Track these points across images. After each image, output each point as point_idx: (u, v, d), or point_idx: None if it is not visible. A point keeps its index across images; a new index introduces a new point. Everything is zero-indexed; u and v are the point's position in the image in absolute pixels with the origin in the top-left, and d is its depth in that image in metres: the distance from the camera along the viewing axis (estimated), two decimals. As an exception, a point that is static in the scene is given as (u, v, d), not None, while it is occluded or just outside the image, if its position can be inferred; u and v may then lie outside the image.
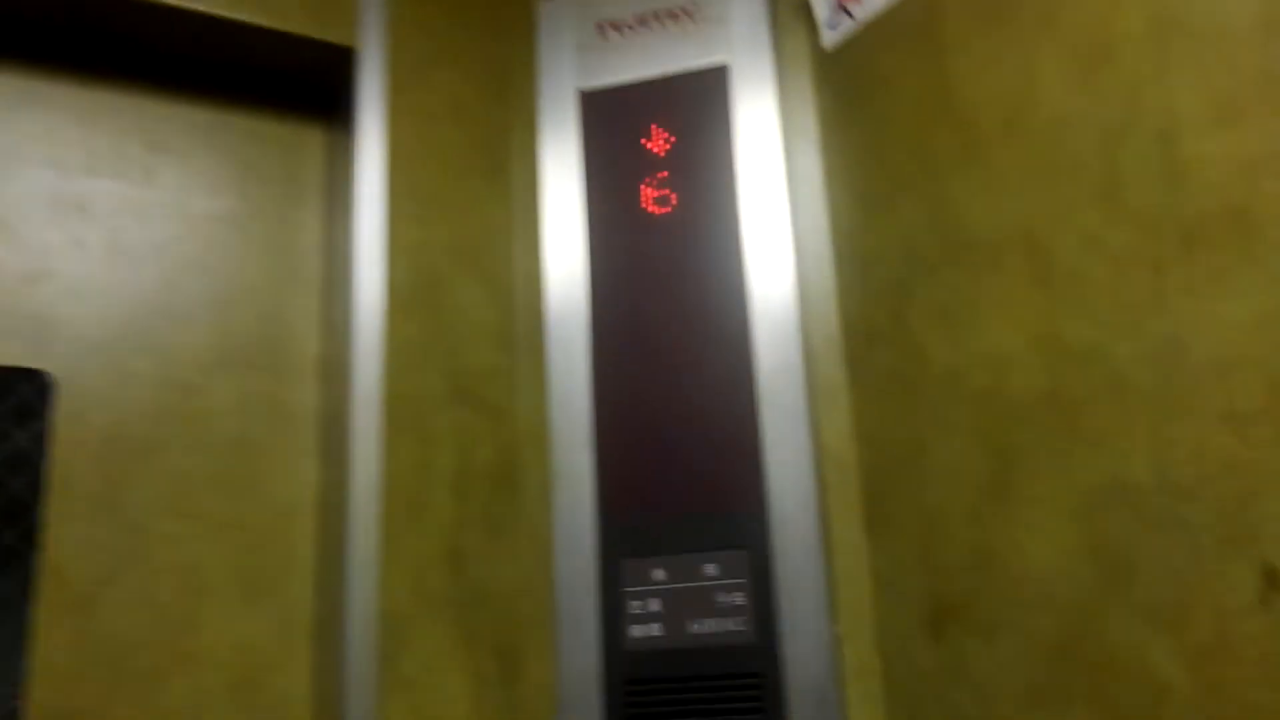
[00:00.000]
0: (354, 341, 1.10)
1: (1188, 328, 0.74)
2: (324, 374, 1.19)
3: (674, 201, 1.14)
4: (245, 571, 1.09)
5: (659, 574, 1.02)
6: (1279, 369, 0.68)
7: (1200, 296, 0.73)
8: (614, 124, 1.20)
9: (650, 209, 1.15)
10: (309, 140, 1.27)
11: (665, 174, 1.16)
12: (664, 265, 1.13)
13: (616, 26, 1.23)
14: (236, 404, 1.14)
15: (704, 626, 1.00)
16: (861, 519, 1.02)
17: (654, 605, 1.01)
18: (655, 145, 1.17)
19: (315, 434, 1.17)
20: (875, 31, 1.08)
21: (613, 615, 1.02)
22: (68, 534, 1.02)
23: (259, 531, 1.11)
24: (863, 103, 1.09)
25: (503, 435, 1.13)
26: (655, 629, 1.01)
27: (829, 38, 1.14)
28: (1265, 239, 0.70)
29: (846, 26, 1.11)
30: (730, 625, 0.99)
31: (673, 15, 1.22)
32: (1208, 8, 0.75)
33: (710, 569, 1.01)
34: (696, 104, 1.17)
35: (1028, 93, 0.89)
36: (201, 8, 1.09)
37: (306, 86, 1.26)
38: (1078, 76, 0.85)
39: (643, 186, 1.16)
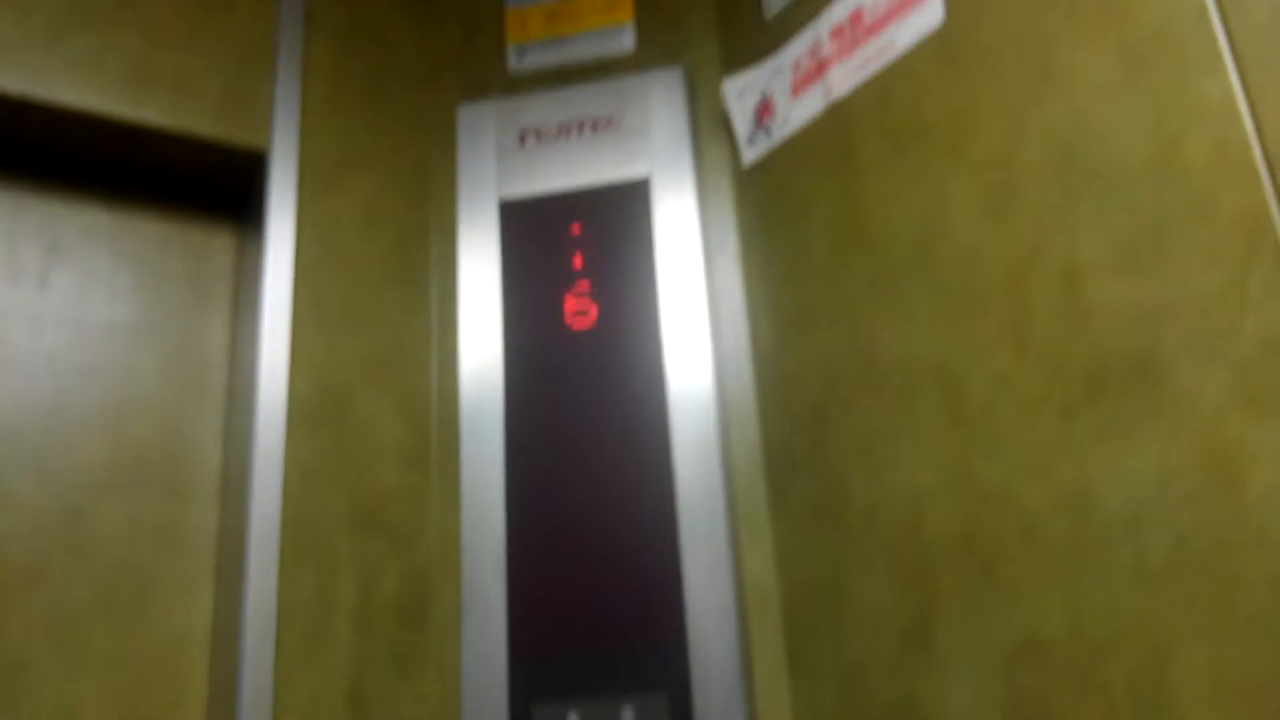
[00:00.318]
0: (253, 459, 1.04)
1: (1097, 477, 0.72)
2: (223, 495, 1.13)
3: (594, 316, 1.12)
4: (131, 712, 1.01)
5: (573, 720, 0.97)
6: (1186, 527, 0.67)
7: (1108, 445, 0.72)
8: (535, 235, 1.17)
9: (570, 323, 1.12)
10: (217, 244, 1.23)
11: (586, 287, 1.13)
12: (584, 382, 1.10)
13: (538, 134, 1.22)
14: (127, 528, 1.07)
15: (619, 788, 0.94)
16: (785, 661, 0.98)
17: (566, 759, 0.96)
18: (576, 258, 1.15)
19: (212, 560, 1.10)
20: (794, 150, 1.07)
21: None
22: (-70, 677, 0.94)
23: (147, 668, 1.03)
24: (782, 221, 1.08)
25: (410, 562, 1.08)
26: (567, 790, 0.95)
27: (748, 154, 1.13)
28: (1168, 391, 0.68)
29: (765, 143, 1.11)
30: (647, 789, 0.93)
31: (595, 125, 1.21)
32: (1104, 148, 0.75)
33: (627, 715, 0.96)
34: (618, 217, 1.15)
35: (938, 222, 0.88)
36: (106, 111, 1.05)
37: (215, 189, 1.21)
38: (985, 209, 0.84)
39: (563, 300, 1.13)
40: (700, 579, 0.98)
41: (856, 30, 1.00)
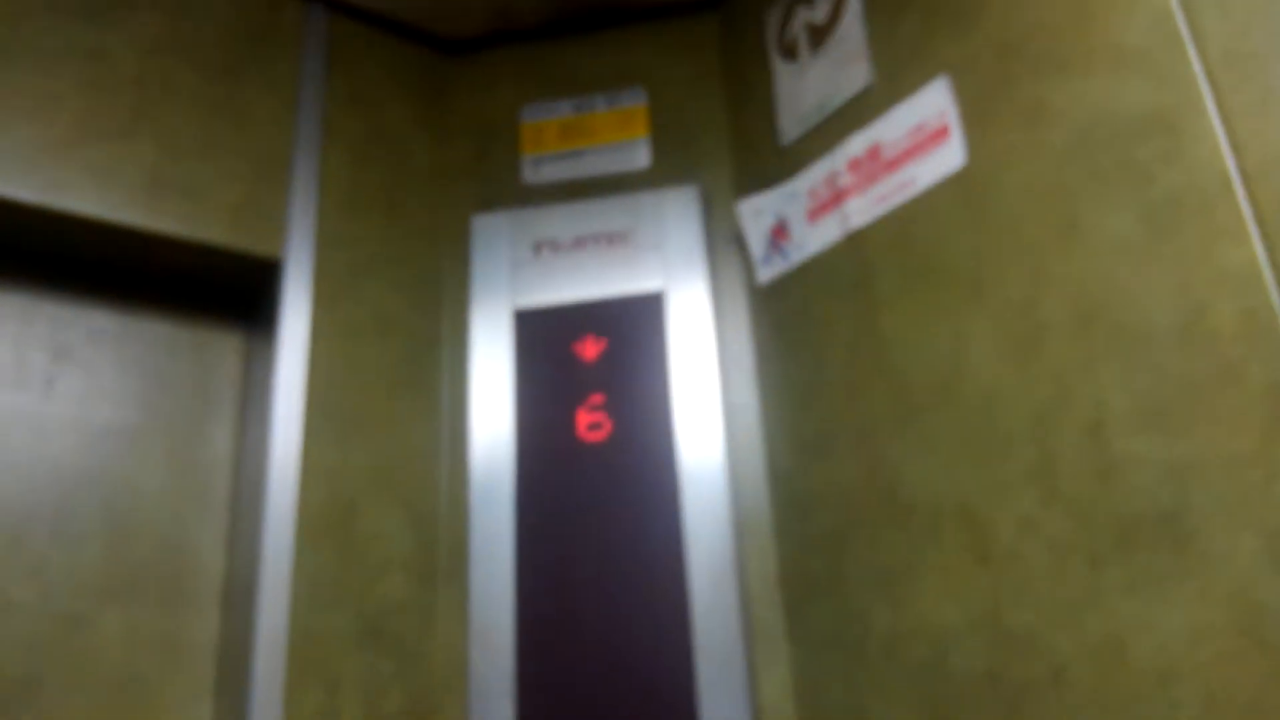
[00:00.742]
0: (260, 572, 1.02)
1: (1127, 629, 0.73)
2: (226, 605, 1.10)
3: (608, 430, 1.12)
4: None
5: None
6: (1218, 685, 0.67)
7: (1138, 599, 0.73)
8: (549, 345, 1.18)
9: (584, 436, 1.13)
10: (224, 348, 1.22)
11: (600, 400, 1.14)
12: (596, 497, 1.09)
13: (554, 245, 1.24)
14: (127, 638, 1.04)
15: None
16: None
17: None
18: (591, 371, 1.16)
19: (212, 673, 1.07)
20: (810, 275, 1.10)
21: None
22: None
23: (139, 790, 1.00)
24: (799, 342, 1.10)
25: (417, 680, 1.06)
26: None
27: (763, 273, 1.16)
28: (1198, 550, 0.70)
29: (781, 265, 1.13)
30: None
31: (610, 238, 1.23)
32: (1128, 307, 0.77)
33: None
34: (633, 330, 1.17)
35: (960, 360, 0.91)
36: (121, 221, 1.05)
37: (226, 294, 1.21)
38: (1007, 353, 0.86)
39: (576, 412, 1.14)
40: (716, 706, 0.97)
41: (874, 165, 1.03)
